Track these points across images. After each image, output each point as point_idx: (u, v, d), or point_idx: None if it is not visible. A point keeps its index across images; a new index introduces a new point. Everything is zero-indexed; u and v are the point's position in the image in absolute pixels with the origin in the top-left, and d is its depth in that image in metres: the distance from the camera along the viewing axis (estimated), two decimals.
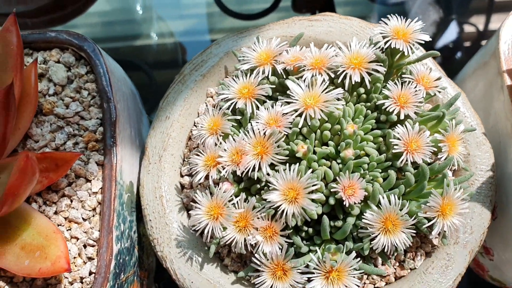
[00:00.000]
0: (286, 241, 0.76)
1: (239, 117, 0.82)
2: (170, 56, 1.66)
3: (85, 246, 0.82)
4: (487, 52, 0.98)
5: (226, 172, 0.78)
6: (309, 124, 0.77)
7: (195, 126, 0.93)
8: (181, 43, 1.65)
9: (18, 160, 0.67)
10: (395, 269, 0.83)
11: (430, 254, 0.83)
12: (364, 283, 0.82)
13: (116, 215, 0.82)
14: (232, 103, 0.81)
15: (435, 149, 0.78)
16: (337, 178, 0.75)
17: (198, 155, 0.81)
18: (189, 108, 0.91)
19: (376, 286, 0.82)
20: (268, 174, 0.77)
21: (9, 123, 0.76)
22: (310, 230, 0.79)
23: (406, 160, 0.77)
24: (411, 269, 0.83)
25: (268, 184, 0.77)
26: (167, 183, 0.87)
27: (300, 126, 0.77)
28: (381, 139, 0.80)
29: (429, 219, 0.76)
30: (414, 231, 0.75)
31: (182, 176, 0.90)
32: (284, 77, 0.84)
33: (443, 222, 0.76)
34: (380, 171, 0.78)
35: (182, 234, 0.84)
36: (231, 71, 0.95)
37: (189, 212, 0.87)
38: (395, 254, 0.82)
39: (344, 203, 0.74)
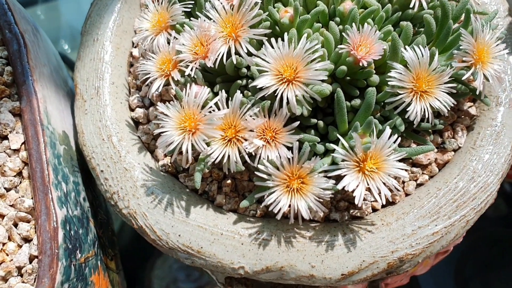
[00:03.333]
0: (294, 138, 0.55)
1: (190, 3, 0.61)
2: None
3: (16, 225, 0.57)
4: None
5: (191, 70, 0.57)
6: None
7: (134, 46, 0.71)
8: None
9: None
10: (435, 156, 0.64)
11: (471, 127, 0.65)
12: (403, 181, 0.63)
13: (52, 169, 0.58)
14: None
15: None
16: (345, 35, 0.55)
17: (149, 59, 0.59)
18: (122, 23, 0.69)
19: (418, 182, 0.63)
20: (249, 54, 0.56)
21: None
22: (321, 123, 0.59)
23: (420, 3, 0.59)
24: (454, 150, 0.64)
25: (252, 76, 0.57)
26: (114, 118, 0.64)
27: None
28: None
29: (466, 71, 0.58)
30: (455, 86, 0.56)
31: (132, 110, 0.67)
32: None
33: (482, 71, 0.58)
34: (392, 25, 0.60)
35: (151, 177, 0.61)
36: None
37: (154, 152, 0.65)
38: (431, 136, 0.63)
39: (361, 64, 0.55)
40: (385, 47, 0.55)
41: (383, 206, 0.61)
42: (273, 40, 0.55)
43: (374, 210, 0.61)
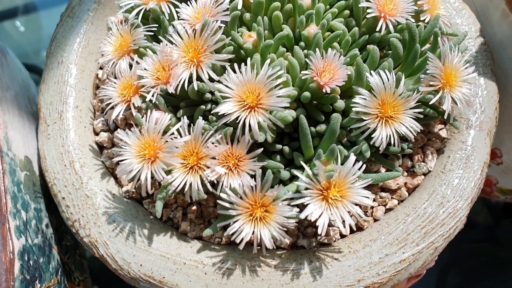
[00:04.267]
0: (257, 165, 0.54)
1: (155, 26, 0.60)
2: None
3: None
4: None
5: (153, 95, 0.56)
6: (253, 2, 0.57)
7: (101, 67, 0.70)
8: None
9: None
10: (405, 180, 0.63)
11: (442, 150, 0.64)
12: (372, 207, 0.61)
13: (11, 198, 0.56)
14: (140, 9, 0.60)
15: (416, 8, 0.60)
16: (308, 61, 0.54)
17: (111, 84, 0.58)
18: (88, 45, 0.68)
19: (387, 207, 0.62)
20: (212, 80, 0.55)
21: None
22: (286, 149, 0.58)
23: (386, 27, 0.58)
24: (424, 174, 0.63)
25: (216, 100, 0.56)
26: (77, 143, 0.62)
27: (240, 7, 0.56)
28: (347, 12, 0.61)
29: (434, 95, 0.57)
30: (421, 111, 0.56)
31: (97, 134, 0.65)
32: None
33: (450, 94, 0.57)
34: (358, 49, 0.59)
35: (113, 205, 0.60)
36: None
37: (118, 178, 0.63)
38: (400, 160, 0.62)
39: (324, 90, 0.54)
40: (349, 72, 0.54)
41: (351, 232, 0.60)
42: (236, 65, 0.54)
43: (342, 236, 0.60)
